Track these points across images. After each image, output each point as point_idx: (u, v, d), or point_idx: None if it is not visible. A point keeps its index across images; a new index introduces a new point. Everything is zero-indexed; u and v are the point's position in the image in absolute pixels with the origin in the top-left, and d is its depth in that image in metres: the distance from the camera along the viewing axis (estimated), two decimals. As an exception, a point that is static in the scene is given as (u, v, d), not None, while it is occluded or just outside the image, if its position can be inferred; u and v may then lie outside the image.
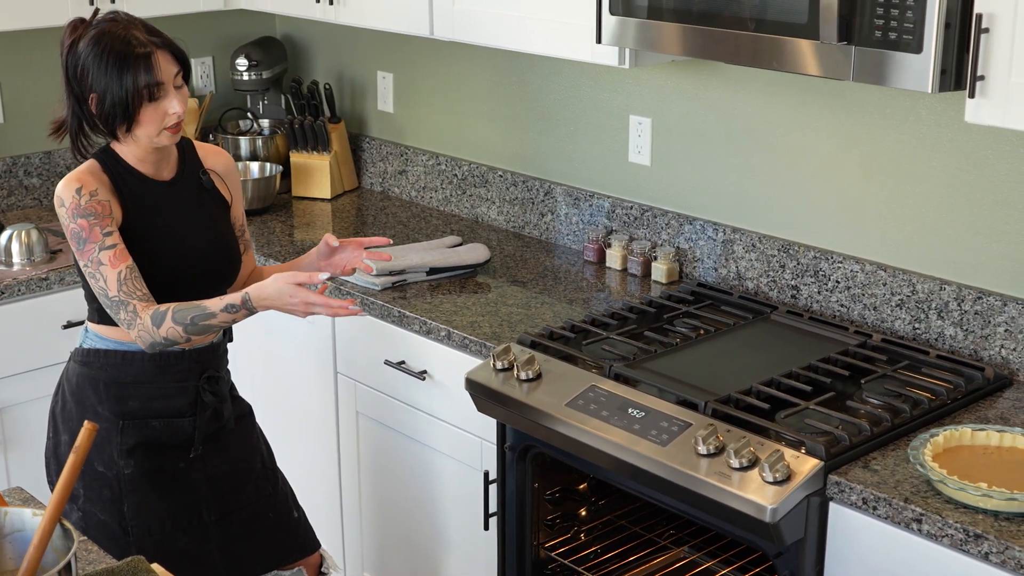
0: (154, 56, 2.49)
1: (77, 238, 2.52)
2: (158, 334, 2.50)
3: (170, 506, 2.68)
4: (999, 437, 2.35)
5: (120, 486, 2.64)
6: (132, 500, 2.64)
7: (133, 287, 2.50)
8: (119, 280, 2.50)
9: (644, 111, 3.35)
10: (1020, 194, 2.65)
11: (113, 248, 2.51)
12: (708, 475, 2.35)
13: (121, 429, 2.63)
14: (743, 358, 2.78)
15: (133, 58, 2.47)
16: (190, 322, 2.50)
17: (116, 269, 2.50)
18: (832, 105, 2.93)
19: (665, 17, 2.68)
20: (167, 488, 2.68)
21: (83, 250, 2.52)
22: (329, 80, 4.25)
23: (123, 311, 2.51)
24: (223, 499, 2.75)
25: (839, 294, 2.98)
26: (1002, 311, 2.70)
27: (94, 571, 1.90)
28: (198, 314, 2.50)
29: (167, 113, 2.51)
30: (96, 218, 2.51)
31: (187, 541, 2.69)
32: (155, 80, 2.48)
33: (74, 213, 2.51)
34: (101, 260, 2.50)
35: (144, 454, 2.65)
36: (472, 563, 3.10)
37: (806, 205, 3.04)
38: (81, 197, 2.51)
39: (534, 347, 2.83)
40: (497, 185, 3.79)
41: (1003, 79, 2.24)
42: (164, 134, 2.54)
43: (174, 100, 2.52)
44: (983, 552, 2.10)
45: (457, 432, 3.04)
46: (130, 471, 2.64)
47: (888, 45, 2.32)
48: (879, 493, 2.23)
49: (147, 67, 2.48)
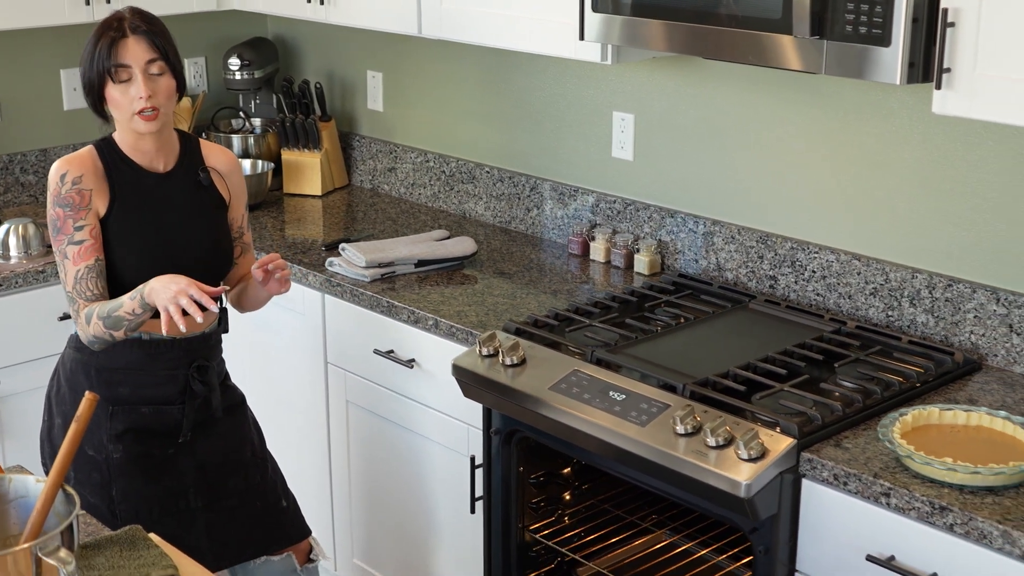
0: (124, 40, 2.59)
1: (53, 225, 2.64)
2: (89, 332, 2.62)
3: (158, 491, 2.74)
4: (966, 416, 2.44)
5: (109, 470, 2.71)
6: (120, 484, 2.71)
7: (85, 287, 2.61)
8: (75, 278, 2.61)
9: (627, 107, 3.44)
10: (988, 184, 2.75)
11: (80, 244, 2.60)
12: (686, 453, 2.43)
13: (111, 414, 2.70)
14: (721, 344, 2.86)
15: (103, 39, 2.60)
16: (107, 315, 2.59)
17: (76, 267, 2.61)
18: (808, 100, 3.03)
19: (645, 14, 2.77)
20: (155, 473, 2.74)
21: (55, 238, 2.64)
22: (320, 79, 4.33)
23: (71, 307, 2.65)
24: (211, 486, 2.81)
25: (815, 283, 3.07)
26: (971, 298, 2.79)
27: (94, 539, 1.98)
28: (112, 306, 2.59)
29: (133, 98, 2.60)
30: (72, 209, 2.60)
31: (174, 526, 2.75)
32: (117, 62, 2.58)
33: (54, 200, 2.62)
34: (66, 253, 2.62)
35: (133, 439, 2.72)
36: (459, 546, 3.18)
37: (783, 197, 3.13)
38: (63, 185, 2.61)
39: (519, 334, 2.92)
40: (484, 181, 3.87)
41: (968, 71, 2.33)
42: (137, 120, 2.62)
43: (141, 85, 2.59)
44: (948, 523, 2.19)
45: (444, 419, 3.12)
46: (119, 455, 2.71)
47: (858, 39, 2.41)
48: (849, 469, 2.31)
49: (112, 48, 2.59)
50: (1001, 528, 2.12)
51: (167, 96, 2.64)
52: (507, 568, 3.02)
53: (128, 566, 1.91)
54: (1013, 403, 2.59)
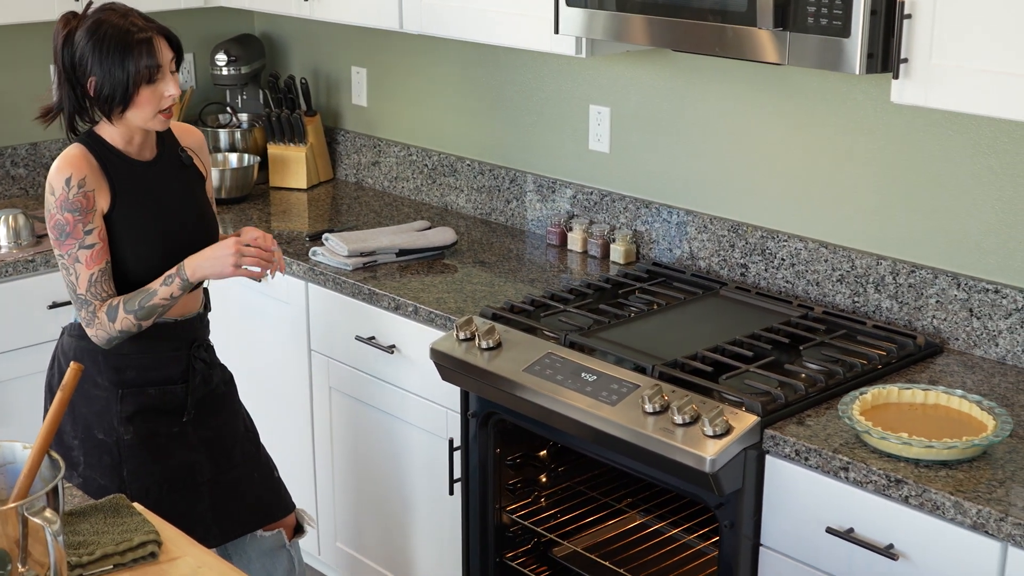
0: (154, 40, 2.65)
1: (60, 230, 2.67)
2: (114, 328, 2.69)
3: (166, 469, 2.83)
4: (924, 395, 2.53)
5: (120, 452, 2.79)
6: (131, 464, 2.80)
7: (100, 289, 2.69)
8: (90, 281, 2.68)
9: (603, 101, 3.53)
10: (949, 173, 2.83)
11: (92, 248, 2.67)
12: (654, 431, 2.52)
13: (120, 398, 2.78)
14: (692, 329, 2.95)
15: (136, 42, 2.63)
16: (138, 307, 2.68)
17: (90, 271, 2.68)
18: (776, 93, 3.11)
19: (618, 7, 2.86)
20: (163, 452, 2.83)
21: (63, 243, 2.68)
22: (305, 75, 4.42)
23: (84, 310, 2.70)
24: (215, 460, 2.90)
25: (784, 271, 3.16)
26: (933, 283, 2.88)
27: (78, 506, 2.06)
28: (143, 297, 2.68)
29: (163, 96, 2.67)
30: (80, 213, 2.66)
31: (182, 502, 2.84)
32: (155, 63, 2.64)
33: (62, 205, 2.66)
34: (78, 258, 2.67)
35: (142, 420, 2.80)
36: (438, 527, 3.26)
37: (754, 187, 3.21)
38: (70, 189, 2.66)
39: (495, 319, 3.00)
40: (465, 174, 3.96)
41: (924, 61, 2.42)
42: (158, 118, 2.70)
43: (170, 83, 2.67)
44: (903, 496, 2.27)
45: (424, 403, 3.20)
46: (129, 437, 2.79)
47: (820, 31, 2.50)
48: (810, 445, 2.40)
49: (148, 50, 2.63)
50: (953, 499, 2.21)
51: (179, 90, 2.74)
52: (485, 548, 3.10)
53: (111, 531, 1.99)
54: (973, 384, 2.68)
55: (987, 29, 2.33)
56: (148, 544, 1.96)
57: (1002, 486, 2.24)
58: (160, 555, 1.98)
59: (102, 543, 1.95)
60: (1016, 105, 2.32)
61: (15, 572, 1.73)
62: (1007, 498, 2.20)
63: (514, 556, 3.12)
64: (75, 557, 1.92)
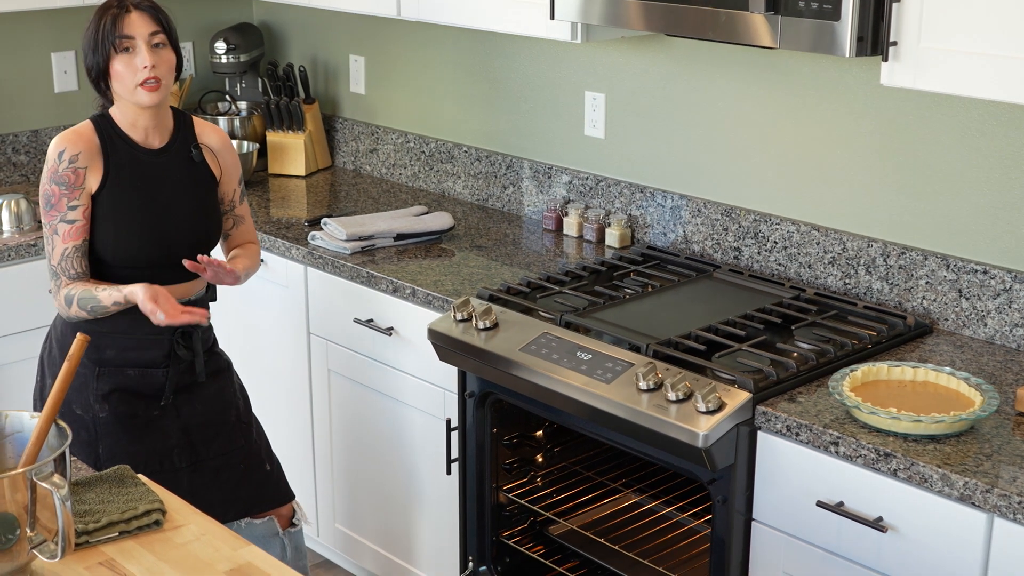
0: (127, 14, 2.71)
1: (47, 200, 2.76)
2: (68, 312, 2.78)
3: (142, 450, 2.85)
4: (913, 372, 2.57)
5: (96, 429, 2.83)
6: (107, 443, 2.83)
7: (70, 264, 2.75)
8: (62, 255, 2.75)
9: (598, 87, 3.57)
10: (938, 156, 2.88)
11: (72, 224, 2.74)
12: (648, 408, 2.56)
13: (97, 375, 2.82)
14: (685, 310, 2.99)
15: (107, 15, 2.71)
16: (90, 309, 2.76)
17: (65, 244, 2.74)
18: (768, 77, 3.16)
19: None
20: (140, 433, 2.86)
21: (48, 212, 2.76)
22: (304, 63, 4.46)
23: (53, 281, 2.79)
24: (195, 448, 2.93)
25: (777, 253, 3.21)
26: (923, 265, 2.93)
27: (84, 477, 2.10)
28: (92, 298, 2.75)
29: (138, 68, 2.71)
30: (67, 188, 2.72)
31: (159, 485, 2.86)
32: (122, 33, 2.70)
33: (51, 177, 2.74)
34: (56, 230, 2.75)
35: (119, 400, 2.84)
36: (436, 507, 3.31)
37: (746, 171, 3.26)
38: (61, 163, 2.73)
39: (492, 300, 3.04)
40: (462, 160, 4.00)
41: (913, 44, 2.46)
42: (140, 92, 2.73)
43: (145, 55, 2.71)
44: (892, 469, 2.32)
45: (421, 384, 3.25)
46: (105, 415, 2.83)
47: (810, 14, 2.54)
48: (801, 420, 2.45)
49: (116, 22, 2.70)
50: (940, 472, 2.25)
51: (168, 68, 2.76)
52: (482, 527, 3.14)
53: (117, 500, 2.03)
54: (961, 363, 2.72)
55: (975, 12, 2.37)
56: (153, 512, 2.01)
57: (988, 460, 2.28)
58: (164, 523, 2.02)
59: (108, 511, 2.00)
60: (1004, 87, 2.36)
61: (24, 536, 1.77)
62: (993, 471, 2.24)
63: (511, 535, 3.17)
64: (81, 524, 1.96)
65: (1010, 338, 2.80)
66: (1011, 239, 2.79)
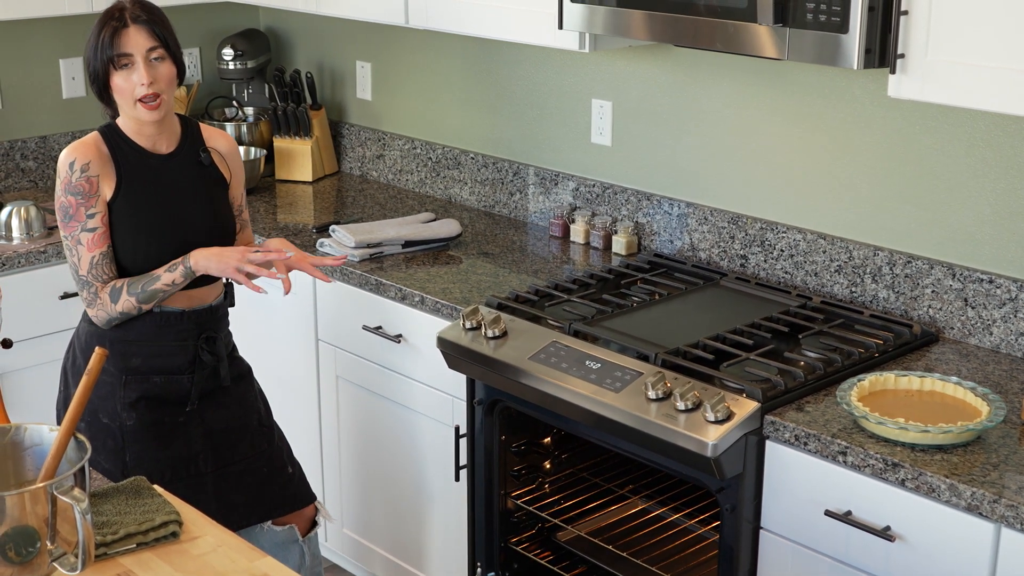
0: (125, 29, 2.72)
1: (64, 212, 2.77)
2: (115, 309, 2.77)
3: (169, 456, 2.89)
4: (920, 382, 2.59)
5: (123, 437, 2.85)
6: (134, 450, 2.86)
7: (101, 271, 2.77)
8: (91, 263, 2.76)
9: (605, 95, 3.59)
10: (944, 166, 2.90)
11: (94, 231, 2.75)
12: (657, 417, 2.58)
13: (124, 383, 2.85)
14: (693, 318, 3.01)
15: (106, 29, 2.73)
16: (141, 290, 2.76)
17: (91, 253, 2.76)
18: (775, 86, 3.18)
19: (622, 3, 2.92)
20: (166, 440, 2.89)
21: (67, 224, 2.77)
22: (311, 69, 4.48)
23: (86, 291, 2.79)
24: (219, 452, 2.96)
25: (783, 262, 3.23)
26: (929, 274, 2.95)
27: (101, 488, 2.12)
28: (147, 280, 2.76)
29: (136, 84, 2.73)
30: (83, 197, 2.74)
31: (185, 490, 2.87)
32: (119, 51, 2.72)
33: (65, 188, 2.76)
34: (80, 240, 2.76)
35: (145, 407, 2.86)
36: (445, 513, 3.33)
37: (753, 180, 3.28)
38: (73, 173, 2.75)
39: (501, 309, 3.06)
40: (469, 167, 4.02)
41: (920, 57, 2.48)
42: (139, 108, 2.75)
43: (143, 72, 2.73)
44: (900, 479, 2.34)
45: (430, 391, 3.27)
46: (132, 423, 2.85)
47: (819, 26, 2.56)
48: (809, 430, 2.47)
49: (114, 38, 2.72)
50: (948, 482, 2.27)
51: (168, 82, 2.78)
52: (490, 533, 3.17)
53: (134, 512, 2.05)
54: (967, 372, 2.74)
55: (982, 25, 2.39)
56: (170, 524, 2.03)
57: (995, 470, 2.31)
58: (181, 535, 2.04)
59: (125, 523, 2.02)
60: (1011, 99, 2.39)
61: (44, 550, 1.79)
62: (1000, 481, 2.26)
63: (519, 541, 3.19)
64: (99, 536, 1.98)
65: (1016, 347, 2.82)
66: (1017, 248, 2.81)
